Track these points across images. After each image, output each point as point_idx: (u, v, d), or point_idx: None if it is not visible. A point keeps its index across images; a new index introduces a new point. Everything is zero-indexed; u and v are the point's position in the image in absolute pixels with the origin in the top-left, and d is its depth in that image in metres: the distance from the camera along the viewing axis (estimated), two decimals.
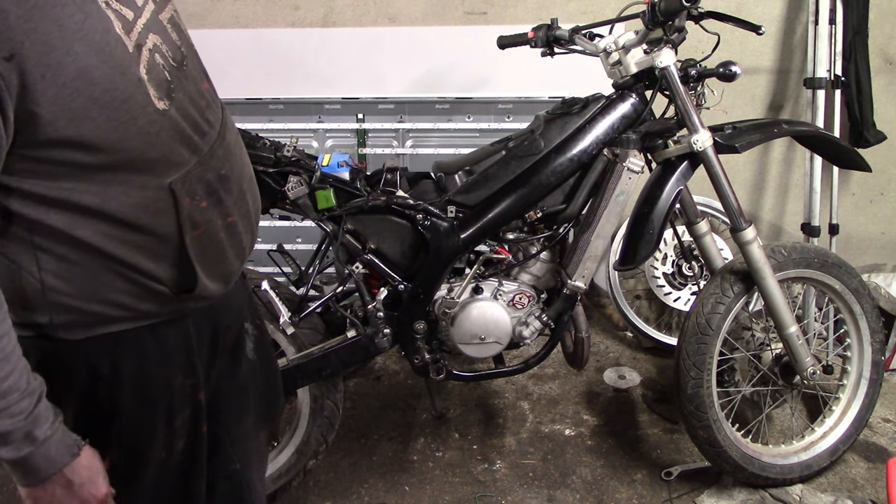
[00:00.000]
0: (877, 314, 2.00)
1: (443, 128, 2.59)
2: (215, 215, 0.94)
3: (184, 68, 0.91)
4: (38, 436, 0.81)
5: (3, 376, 0.78)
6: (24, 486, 0.85)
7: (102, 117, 0.80)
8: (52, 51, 0.75)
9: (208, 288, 0.96)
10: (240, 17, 2.60)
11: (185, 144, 0.90)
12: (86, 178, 0.82)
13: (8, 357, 0.78)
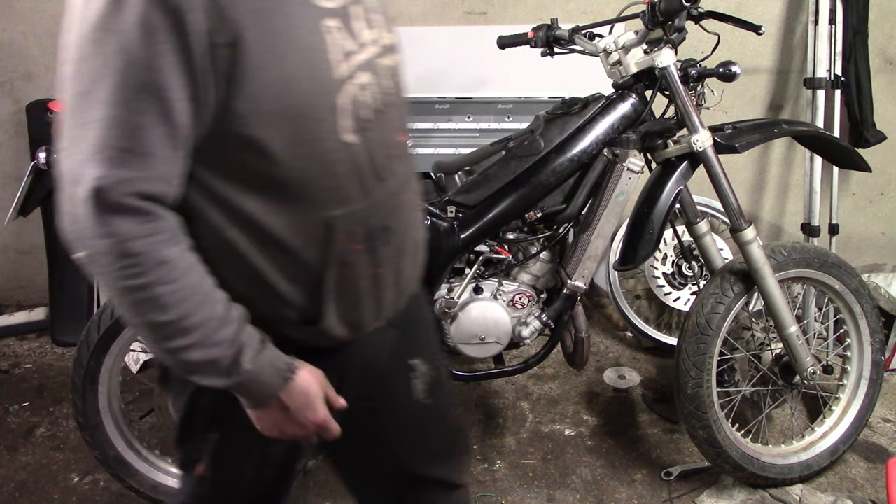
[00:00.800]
0: (877, 314, 2.00)
1: (443, 128, 2.59)
2: (365, 262, 0.92)
3: (385, 114, 0.91)
4: (244, 363, 0.81)
5: (193, 308, 0.78)
6: (248, 409, 0.87)
7: (290, 130, 0.80)
8: (267, 52, 0.76)
9: (334, 329, 0.94)
10: None
11: (359, 184, 0.88)
12: (254, 186, 0.82)
13: (196, 290, 0.79)
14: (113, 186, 0.73)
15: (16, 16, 2.59)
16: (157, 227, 0.76)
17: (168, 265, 0.76)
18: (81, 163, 0.73)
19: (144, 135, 0.73)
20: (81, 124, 0.73)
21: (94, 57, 0.72)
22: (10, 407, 2.39)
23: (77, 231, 0.76)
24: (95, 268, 0.77)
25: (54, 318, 2.76)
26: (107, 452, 1.84)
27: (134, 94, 0.72)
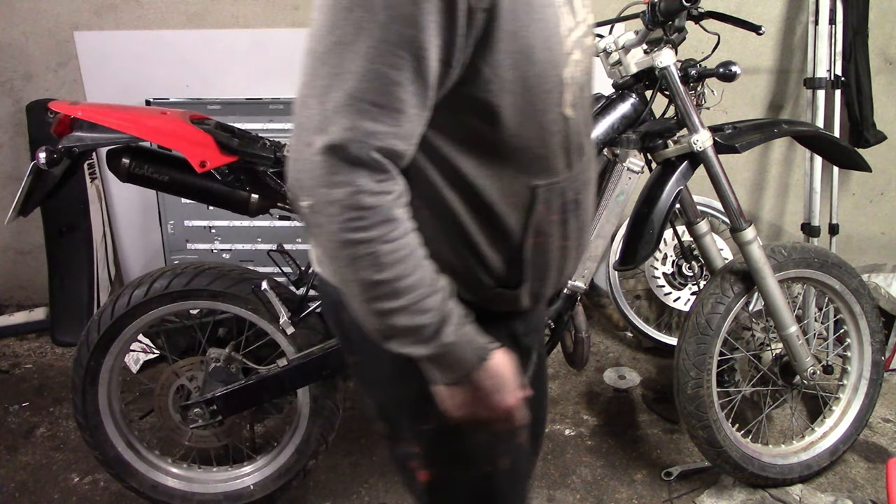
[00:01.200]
0: (877, 314, 2.00)
1: None
2: (556, 233, 0.93)
3: (584, 92, 0.92)
4: (446, 334, 0.80)
5: (408, 271, 0.78)
6: (437, 384, 0.85)
7: (522, 99, 0.81)
8: (515, 20, 0.77)
9: (524, 298, 0.95)
10: (240, 17, 2.60)
11: (566, 157, 0.90)
12: (475, 149, 0.83)
13: (412, 253, 0.79)
14: (359, 139, 0.73)
15: (16, 16, 2.59)
16: (391, 185, 0.76)
17: (393, 224, 0.76)
18: (330, 112, 0.73)
19: (398, 91, 0.73)
20: (334, 74, 0.73)
21: (359, 8, 0.71)
22: (10, 407, 2.39)
23: (308, 178, 0.75)
24: (319, 217, 0.76)
25: (54, 318, 2.76)
26: (107, 452, 1.84)
27: (394, 49, 0.72)
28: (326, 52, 0.74)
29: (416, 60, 0.73)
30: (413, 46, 0.72)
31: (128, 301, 1.73)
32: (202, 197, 1.69)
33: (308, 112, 0.75)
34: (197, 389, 1.78)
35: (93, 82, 2.65)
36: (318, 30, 0.75)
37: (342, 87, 0.73)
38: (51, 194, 1.61)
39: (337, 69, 0.73)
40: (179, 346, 1.90)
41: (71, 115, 1.55)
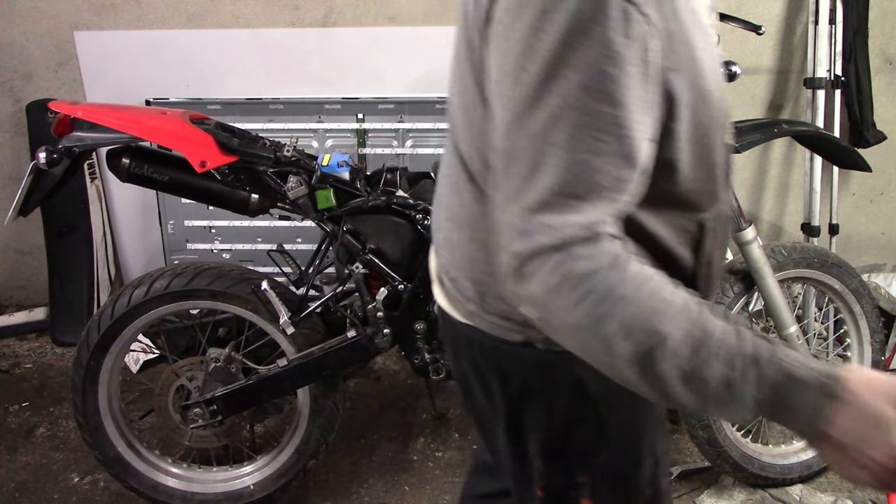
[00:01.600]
0: (877, 314, 2.00)
1: (443, 128, 2.59)
2: (717, 255, 0.90)
3: None
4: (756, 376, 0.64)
5: (671, 321, 0.65)
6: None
7: (698, 145, 0.76)
8: (694, 67, 0.72)
9: None
10: (240, 17, 2.60)
11: (724, 182, 0.86)
12: (652, 203, 0.77)
13: (663, 299, 0.67)
14: (567, 237, 0.66)
15: (16, 16, 2.59)
16: (603, 247, 0.67)
17: (625, 280, 0.66)
18: (529, 212, 0.67)
19: (604, 178, 0.66)
20: (530, 171, 0.67)
21: (548, 93, 0.65)
22: (10, 407, 2.39)
23: (519, 288, 0.69)
24: (552, 320, 0.69)
25: (54, 318, 2.76)
26: (107, 452, 1.84)
27: (595, 133, 0.65)
28: (518, 147, 0.68)
29: (620, 142, 0.66)
30: (615, 127, 0.66)
31: (128, 301, 1.73)
32: (202, 197, 1.69)
33: (505, 216, 0.70)
34: (197, 389, 1.78)
35: (93, 82, 2.65)
36: (505, 122, 0.69)
37: (540, 184, 0.66)
38: (51, 194, 1.61)
39: (532, 165, 0.67)
40: (179, 346, 1.90)
41: (71, 115, 1.55)
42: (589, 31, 0.63)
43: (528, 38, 0.66)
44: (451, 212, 0.92)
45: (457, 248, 0.91)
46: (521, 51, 0.67)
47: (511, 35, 0.68)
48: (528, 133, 0.67)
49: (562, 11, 0.64)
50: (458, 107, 0.88)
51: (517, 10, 0.67)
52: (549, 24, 0.64)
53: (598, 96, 0.65)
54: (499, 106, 0.71)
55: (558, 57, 0.64)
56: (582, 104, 0.65)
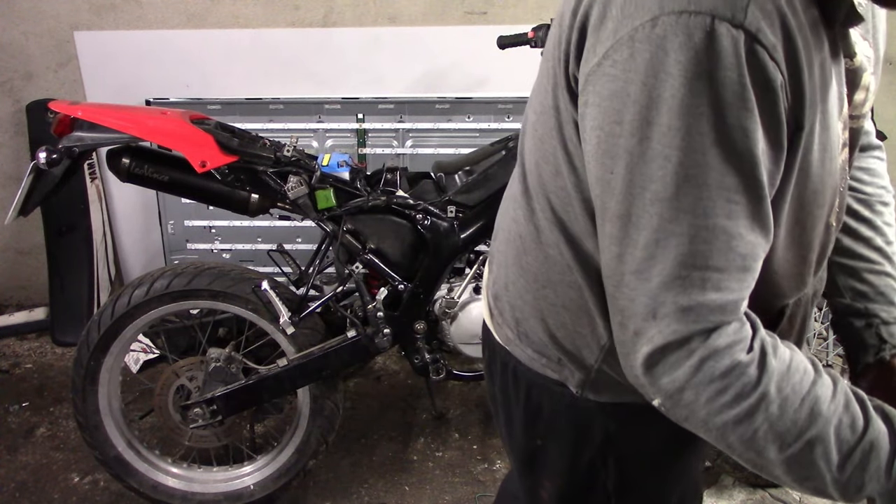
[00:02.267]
0: None
1: (443, 128, 2.59)
2: (792, 341, 0.82)
3: (846, 189, 0.78)
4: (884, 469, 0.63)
5: (812, 420, 0.62)
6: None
7: (797, 223, 0.69)
8: (813, 134, 0.64)
9: None
10: (240, 17, 2.60)
11: (817, 266, 0.79)
12: None
13: (802, 396, 0.62)
14: (703, 319, 0.60)
15: (16, 16, 2.59)
16: (740, 332, 0.62)
17: (761, 377, 0.61)
18: (657, 289, 0.60)
19: (739, 245, 0.60)
20: (655, 240, 0.60)
21: (674, 150, 0.58)
22: (10, 407, 2.39)
23: (646, 376, 0.64)
24: (681, 411, 0.64)
25: (54, 318, 2.76)
26: (107, 452, 1.84)
27: (729, 194, 0.59)
28: (638, 213, 0.60)
29: (756, 203, 0.59)
30: (752, 187, 0.59)
31: (128, 301, 1.73)
32: (202, 197, 1.69)
33: (629, 293, 0.63)
34: (197, 389, 1.78)
35: (93, 82, 2.65)
36: (620, 183, 0.61)
37: (668, 256, 0.59)
38: (51, 194, 1.61)
39: (658, 233, 0.60)
40: (179, 346, 1.90)
41: (71, 115, 1.55)
42: (719, 75, 0.56)
43: (650, 80, 0.58)
44: (504, 224, 0.90)
45: (502, 266, 0.89)
46: (643, 97, 0.58)
47: (630, 76, 0.59)
48: (653, 196, 0.59)
49: (686, 49, 0.56)
50: (530, 138, 0.80)
51: (631, 45, 0.59)
52: (673, 64, 0.57)
53: (733, 152, 0.57)
54: (609, 160, 0.62)
55: (685, 105, 0.57)
56: (714, 162, 0.57)
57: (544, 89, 0.75)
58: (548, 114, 0.74)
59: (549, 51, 0.76)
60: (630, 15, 0.59)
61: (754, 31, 0.56)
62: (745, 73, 0.56)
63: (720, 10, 0.56)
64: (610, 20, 0.61)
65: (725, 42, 0.55)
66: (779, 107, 0.58)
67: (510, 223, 0.87)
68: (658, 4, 0.57)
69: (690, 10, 0.56)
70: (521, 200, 0.83)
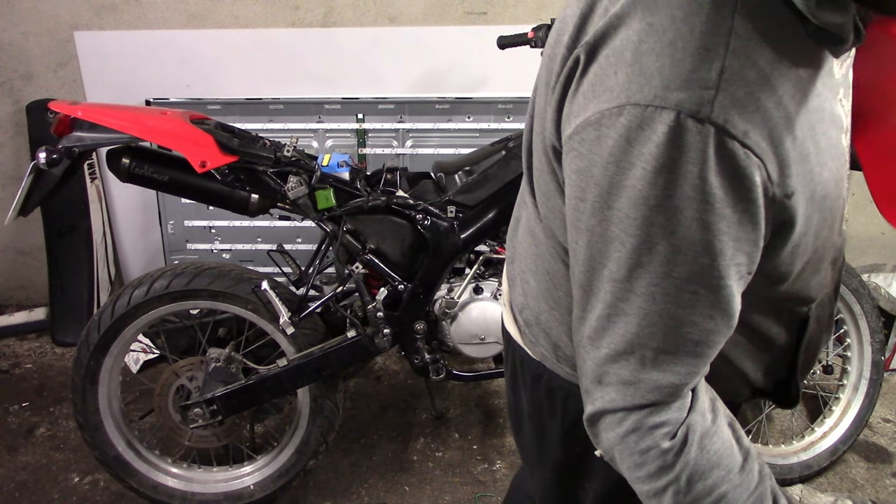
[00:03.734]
0: (877, 314, 2.00)
1: (443, 128, 2.59)
2: (820, 340, 0.88)
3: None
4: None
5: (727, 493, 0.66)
6: None
7: (812, 248, 0.70)
8: (809, 183, 0.63)
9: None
10: (240, 17, 2.59)
11: (833, 267, 0.81)
12: (759, 304, 0.74)
13: (721, 475, 0.66)
14: (640, 395, 0.63)
15: (16, 16, 2.59)
16: (669, 415, 0.65)
17: (676, 456, 0.65)
18: (604, 359, 0.64)
19: (692, 332, 0.61)
20: (607, 315, 0.63)
21: (631, 237, 0.59)
22: (10, 407, 2.39)
23: (593, 428, 0.69)
24: (620, 464, 0.69)
25: (54, 318, 2.76)
26: (107, 452, 1.84)
27: (683, 284, 0.59)
28: (598, 287, 0.63)
29: (714, 293, 0.60)
30: (708, 278, 0.59)
31: (128, 301, 1.73)
32: (202, 197, 1.69)
33: (584, 354, 0.66)
34: (197, 389, 1.78)
35: (93, 82, 2.65)
36: (584, 255, 0.63)
37: (618, 332, 0.62)
38: (51, 194, 1.61)
39: (610, 308, 0.62)
40: (179, 346, 1.90)
41: (71, 115, 1.55)
42: (680, 169, 0.56)
43: (611, 167, 0.58)
44: (527, 254, 0.87)
45: (531, 297, 0.88)
46: (604, 182, 0.59)
47: (594, 158, 0.60)
48: (609, 274, 0.61)
49: (649, 143, 0.56)
50: (536, 168, 0.80)
51: (597, 128, 0.59)
52: (635, 156, 0.57)
53: (689, 244, 0.58)
54: (575, 231, 0.64)
55: (642, 196, 0.57)
56: (668, 251, 0.58)
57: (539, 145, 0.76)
58: (544, 167, 0.75)
59: (542, 77, 0.76)
60: (598, 96, 0.59)
61: (722, 122, 0.55)
62: (710, 167, 0.56)
63: (685, 105, 0.55)
64: (581, 95, 0.62)
65: (689, 137, 0.55)
66: (754, 193, 0.58)
67: (535, 257, 0.85)
68: (625, 93, 0.57)
69: (656, 104, 0.56)
70: (541, 237, 0.82)
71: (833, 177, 0.68)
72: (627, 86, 0.57)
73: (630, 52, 0.58)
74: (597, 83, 0.60)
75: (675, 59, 0.56)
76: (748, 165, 0.57)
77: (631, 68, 0.57)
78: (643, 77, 0.57)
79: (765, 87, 0.57)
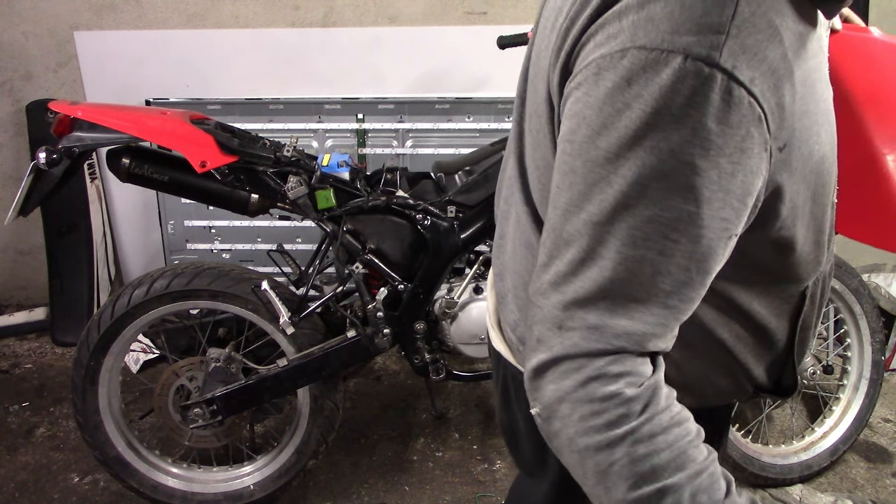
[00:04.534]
0: (877, 314, 2.00)
1: (443, 128, 2.59)
2: (815, 320, 0.86)
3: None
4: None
5: (673, 475, 0.61)
6: None
7: (810, 216, 0.69)
8: (808, 140, 0.63)
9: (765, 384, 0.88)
10: (240, 17, 2.60)
11: (827, 244, 0.79)
12: (757, 282, 0.73)
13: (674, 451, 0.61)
14: (605, 342, 0.60)
15: (16, 16, 2.59)
16: (635, 366, 0.62)
17: (641, 415, 0.61)
18: (571, 303, 0.61)
19: (665, 282, 0.59)
20: (581, 259, 0.60)
21: (617, 177, 0.57)
22: (10, 407, 2.39)
23: (536, 384, 0.64)
24: (553, 423, 0.64)
25: (54, 318, 2.76)
26: (107, 452, 1.84)
27: (664, 230, 0.58)
28: (573, 230, 0.60)
29: (694, 243, 0.58)
30: (691, 227, 0.57)
31: (128, 301, 1.73)
32: (202, 197, 1.69)
33: (543, 301, 0.63)
34: (197, 389, 1.78)
35: (93, 82, 2.65)
36: (564, 198, 0.61)
37: (590, 277, 0.59)
38: (51, 194, 1.61)
39: (585, 253, 0.60)
40: (179, 346, 1.90)
41: (71, 115, 1.55)
42: (680, 113, 0.55)
43: (607, 107, 0.57)
44: (520, 268, 0.84)
45: (525, 313, 0.84)
46: (596, 122, 0.58)
47: (589, 100, 0.58)
48: (588, 217, 0.59)
49: (651, 84, 0.55)
50: (530, 157, 0.78)
51: (597, 71, 0.58)
52: (633, 97, 0.56)
53: (677, 189, 0.56)
54: (559, 175, 0.62)
55: (636, 137, 0.56)
56: (655, 195, 0.57)
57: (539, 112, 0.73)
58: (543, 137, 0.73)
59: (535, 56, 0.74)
60: (601, 45, 0.58)
61: (730, 68, 0.55)
62: (711, 113, 0.55)
63: (694, 49, 0.54)
64: (585, 49, 0.61)
65: (695, 81, 0.54)
66: (750, 143, 0.57)
67: (519, 256, 0.83)
68: (630, 38, 0.56)
69: (663, 48, 0.55)
70: (529, 228, 0.80)
71: (829, 140, 0.67)
72: (633, 31, 0.56)
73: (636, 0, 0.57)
74: (601, 33, 0.59)
75: (684, 4, 0.55)
76: (751, 114, 0.56)
77: (637, 14, 0.57)
78: (650, 23, 0.56)
79: (773, 37, 0.57)
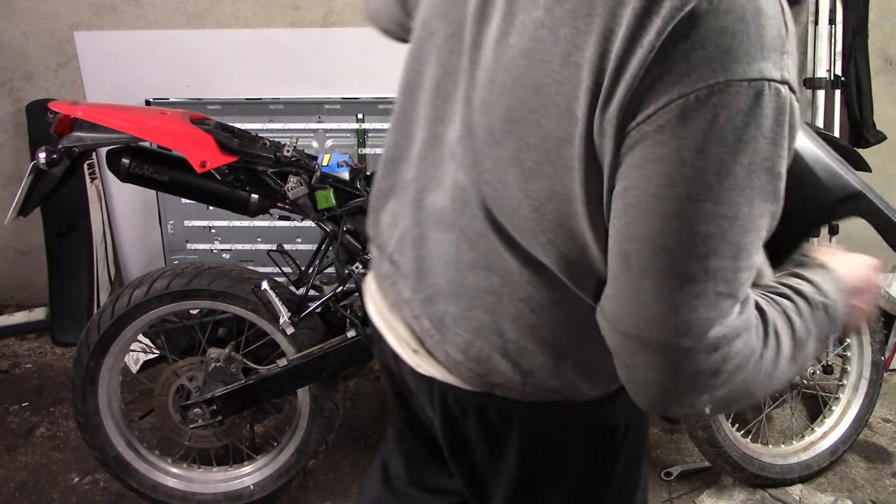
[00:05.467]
0: (876, 314, 2.00)
1: None
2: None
3: None
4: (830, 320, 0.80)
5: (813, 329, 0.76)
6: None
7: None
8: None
9: None
10: (240, 17, 2.60)
11: None
12: None
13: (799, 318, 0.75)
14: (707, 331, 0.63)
15: (16, 16, 2.59)
16: (737, 311, 0.66)
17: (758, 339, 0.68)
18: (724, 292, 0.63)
19: (744, 277, 0.64)
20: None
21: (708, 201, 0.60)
22: (10, 407, 2.39)
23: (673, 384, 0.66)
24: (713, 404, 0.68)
25: (54, 318, 2.76)
26: (107, 452, 1.84)
27: (746, 235, 0.62)
28: (714, 267, 0.62)
29: (770, 224, 0.65)
30: (773, 217, 0.64)
31: (128, 301, 1.73)
32: (202, 197, 1.69)
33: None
34: (197, 389, 1.78)
35: (93, 82, 2.65)
36: (671, 238, 0.62)
37: (742, 282, 0.64)
38: (51, 194, 1.61)
39: (733, 274, 0.63)
40: (179, 346, 1.90)
41: (71, 115, 1.55)
42: (771, 134, 0.60)
43: (712, 146, 0.58)
44: (473, 292, 0.80)
45: (483, 332, 0.81)
46: (698, 163, 0.59)
47: (683, 142, 0.59)
48: (706, 250, 0.61)
49: (741, 115, 0.58)
50: (513, 186, 0.74)
51: (681, 112, 0.58)
52: (731, 130, 0.58)
53: (770, 195, 0.62)
54: (658, 220, 0.62)
55: (739, 165, 0.59)
56: (759, 202, 0.61)
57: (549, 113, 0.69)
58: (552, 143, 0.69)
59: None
60: (674, 83, 0.58)
61: (791, 81, 0.60)
62: (785, 123, 0.60)
63: (769, 72, 0.58)
64: (655, 79, 0.59)
65: (776, 102, 0.59)
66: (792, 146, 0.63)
67: (497, 293, 0.79)
68: (710, 72, 0.57)
69: (748, 77, 0.57)
70: (512, 267, 0.77)
71: None
72: (709, 65, 0.57)
73: (702, 32, 0.58)
74: (673, 71, 0.59)
75: (749, 34, 0.57)
76: (799, 121, 0.63)
77: (707, 49, 0.57)
78: (727, 55, 0.57)
79: (793, 39, 0.62)
